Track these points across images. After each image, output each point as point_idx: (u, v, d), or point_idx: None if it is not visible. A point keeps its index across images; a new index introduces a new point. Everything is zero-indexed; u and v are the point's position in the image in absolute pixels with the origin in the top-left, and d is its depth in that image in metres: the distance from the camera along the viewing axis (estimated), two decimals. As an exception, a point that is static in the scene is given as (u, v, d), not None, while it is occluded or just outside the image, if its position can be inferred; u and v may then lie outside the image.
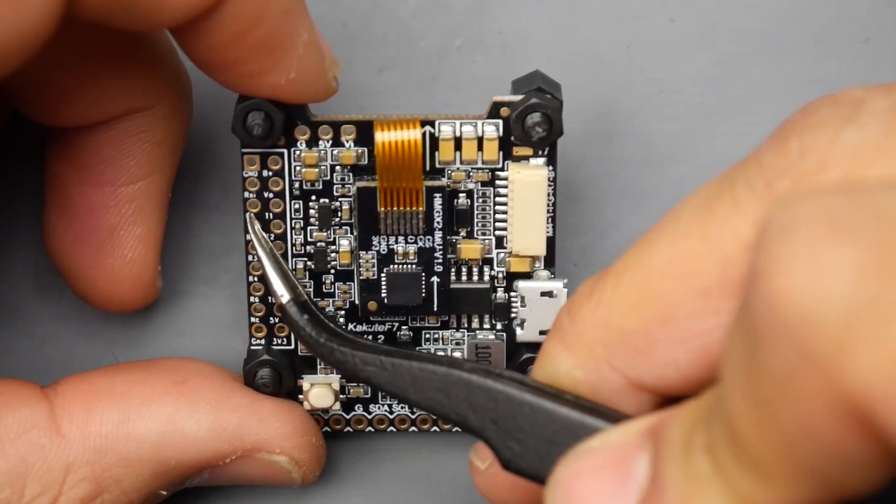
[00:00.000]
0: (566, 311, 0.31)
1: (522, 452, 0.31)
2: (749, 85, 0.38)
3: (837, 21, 0.38)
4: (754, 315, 0.23)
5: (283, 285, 0.36)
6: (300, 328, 0.35)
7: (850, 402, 0.22)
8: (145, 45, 0.35)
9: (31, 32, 0.28)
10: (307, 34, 0.33)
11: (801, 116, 0.29)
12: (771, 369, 0.23)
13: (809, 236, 0.23)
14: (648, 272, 0.30)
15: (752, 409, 0.23)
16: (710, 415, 0.25)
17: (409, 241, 0.36)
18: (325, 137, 0.36)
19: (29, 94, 0.35)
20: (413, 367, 0.32)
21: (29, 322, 0.40)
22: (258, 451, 0.37)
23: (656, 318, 0.29)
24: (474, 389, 0.31)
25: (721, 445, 0.24)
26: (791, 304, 0.22)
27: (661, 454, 0.26)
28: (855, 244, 0.22)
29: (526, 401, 0.31)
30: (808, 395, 0.22)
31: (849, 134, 0.28)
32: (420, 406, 0.32)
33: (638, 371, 0.30)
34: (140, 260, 0.37)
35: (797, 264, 0.22)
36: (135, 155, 0.36)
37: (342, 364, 0.34)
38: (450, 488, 0.41)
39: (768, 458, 0.23)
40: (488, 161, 0.36)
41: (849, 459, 0.23)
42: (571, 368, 0.31)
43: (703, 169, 0.39)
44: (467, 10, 0.38)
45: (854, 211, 0.23)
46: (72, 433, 0.35)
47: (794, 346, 0.22)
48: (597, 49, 0.38)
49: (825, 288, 0.22)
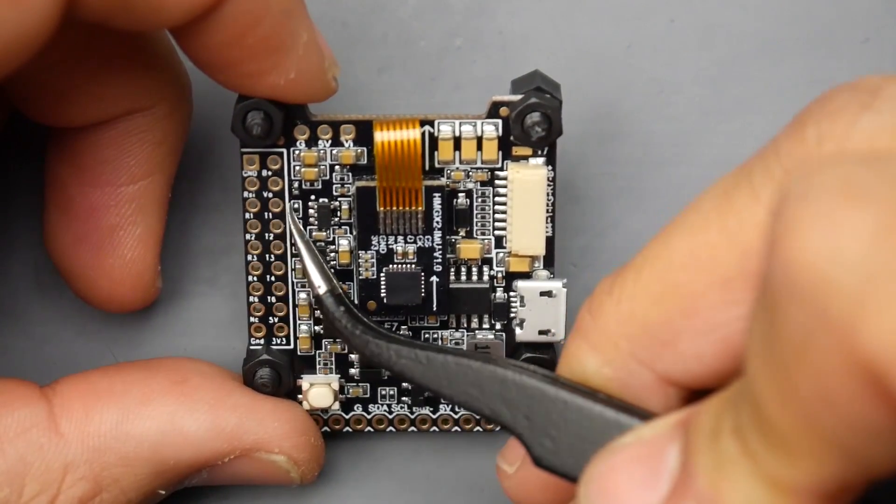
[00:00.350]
0: (587, 309, 0.31)
1: (555, 449, 0.31)
2: (749, 85, 0.38)
3: (837, 21, 0.38)
4: (772, 282, 0.23)
5: (321, 277, 0.36)
6: (336, 319, 0.35)
7: (865, 366, 0.22)
8: (145, 45, 0.35)
9: (32, 33, 0.28)
10: (307, 34, 0.33)
11: (819, 104, 0.29)
12: (789, 335, 0.23)
13: (826, 201, 0.23)
14: (669, 264, 0.30)
15: (773, 380, 0.23)
16: (737, 397, 0.25)
17: (409, 240, 0.36)
18: (324, 137, 0.36)
19: (29, 95, 0.35)
20: (448, 360, 0.32)
21: (29, 322, 0.40)
22: (257, 451, 0.37)
23: (679, 310, 0.29)
24: (508, 385, 0.31)
25: (748, 426, 0.24)
26: (807, 267, 0.22)
27: (690, 442, 0.26)
28: (871, 208, 0.22)
29: (560, 397, 0.31)
30: (825, 360, 0.22)
31: (866, 120, 0.28)
32: (453, 400, 0.32)
33: (664, 364, 0.30)
34: (140, 260, 0.37)
35: (813, 228, 0.22)
36: (135, 155, 0.36)
37: (377, 356, 0.34)
38: (450, 488, 0.41)
39: (792, 432, 0.23)
40: (487, 161, 0.36)
41: (870, 428, 0.22)
42: (599, 366, 0.31)
43: (703, 169, 0.39)
44: (467, 10, 0.38)
45: (871, 177, 0.23)
46: (71, 433, 0.35)
47: (811, 309, 0.22)
48: (597, 49, 0.38)
49: (841, 251, 0.22)
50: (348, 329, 0.35)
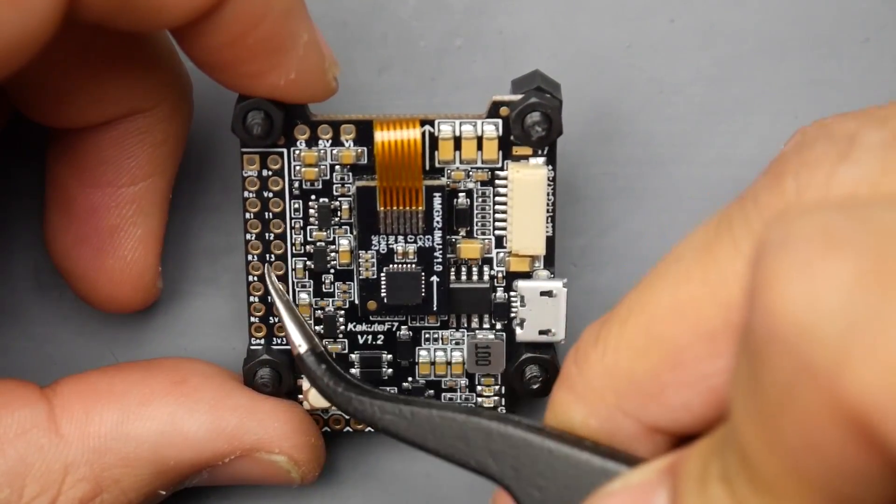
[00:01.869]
0: (573, 360, 0.31)
1: (543, 499, 0.31)
2: (749, 85, 0.38)
3: (837, 21, 0.38)
4: (753, 332, 0.23)
5: (301, 335, 0.36)
6: (318, 378, 0.35)
7: (850, 414, 0.22)
8: (146, 46, 0.35)
9: (33, 33, 0.28)
10: (307, 35, 0.33)
11: (796, 152, 0.29)
12: (772, 385, 0.23)
13: (805, 250, 0.23)
14: (653, 317, 0.30)
15: (757, 429, 0.23)
16: (723, 443, 0.25)
17: (409, 240, 0.36)
18: (324, 137, 0.36)
19: (30, 95, 0.35)
20: (432, 414, 0.32)
21: (29, 322, 0.40)
22: (257, 451, 0.37)
23: (664, 363, 0.30)
24: (494, 436, 0.31)
25: (734, 472, 0.24)
26: (788, 317, 0.22)
27: (679, 488, 0.26)
28: (850, 257, 0.22)
29: (546, 447, 0.31)
30: (809, 408, 0.22)
31: (844, 171, 0.28)
32: (439, 454, 0.32)
33: (651, 415, 0.30)
34: (140, 261, 0.37)
35: (793, 278, 0.22)
36: (135, 156, 0.36)
37: (360, 412, 0.34)
38: (450, 488, 0.41)
39: (778, 477, 0.23)
40: (488, 160, 0.36)
41: (855, 474, 0.22)
42: (585, 417, 0.31)
43: (703, 169, 0.39)
44: (467, 10, 0.38)
45: (849, 225, 0.23)
46: (71, 433, 0.35)
47: (793, 360, 0.22)
48: (597, 49, 0.38)
49: (821, 301, 0.22)
50: (330, 388, 0.35)
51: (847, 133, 0.29)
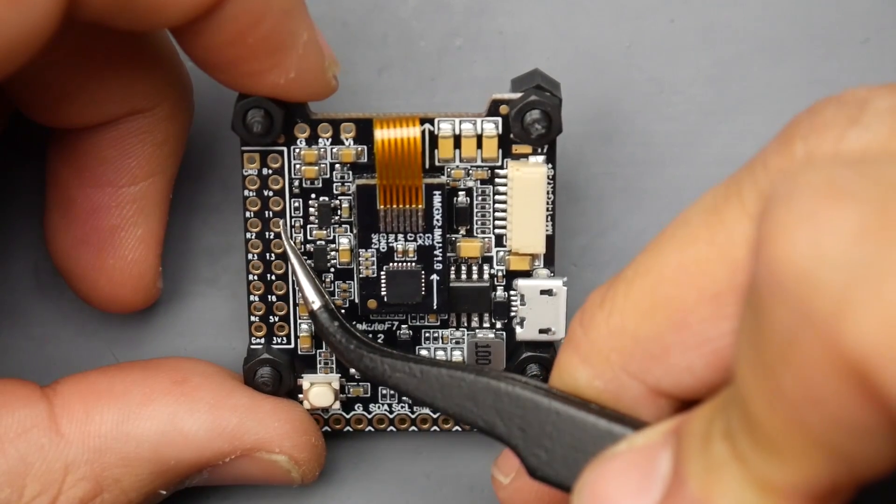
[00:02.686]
0: (579, 322, 0.31)
1: (549, 460, 0.31)
2: (749, 85, 0.38)
3: (837, 21, 0.38)
4: (758, 283, 0.23)
5: (315, 292, 0.36)
6: (330, 334, 0.35)
7: (850, 363, 0.22)
8: (146, 46, 0.35)
9: (33, 33, 0.28)
10: (307, 34, 0.33)
11: (806, 117, 0.29)
12: (774, 336, 0.23)
13: (810, 201, 0.23)
14: (659, 278, 0.30)
15: (760, 382, 0.23)
16: (727, 402, 0.25)
17: (409, 238, 0.36)
18: (324, 135, 0.36)
19: (30, 95, 0.35)
20: (442, 373, 0.33)
21: (29, 322, 0.40)
22: (258, 451, 0.37)
23: (669, 324, 0.29)
24: (502, 396, 0.32)
25: (737, 429, 0.24)
26: (790, 266, 0.22)
27: (682, 447, 0.26)
28: (853, 207, 0.22)
29: (553, 408, 0.31)
30: (810, 358, 0.22)
31: (854, 135, 0.28)
32: (447, 413, 0.32)
33: (655, 377, 0.30)
34: (141, 261, 0.37)
35: (797, 228, 0.23)
36: (136, 156, 0.36)
37: (371, 370, 0.34)
38: (450, 488, 0.41)
39: (780, 434, 0.23)
40: (488, 159, 0.36)
41: (856, 427, 0.22)
42: (590, 379, 0.31)
43: (703, 169, 0.39)
44: (467, 10, 0.38)
45: (854, 177, 0.23)
46: (71, 433, 0.35)
47: (795, 309, 0.22)
48: (597, 49, 0.38)
49: (824, 249, 0.22)
50: (343, 344, 0.35)
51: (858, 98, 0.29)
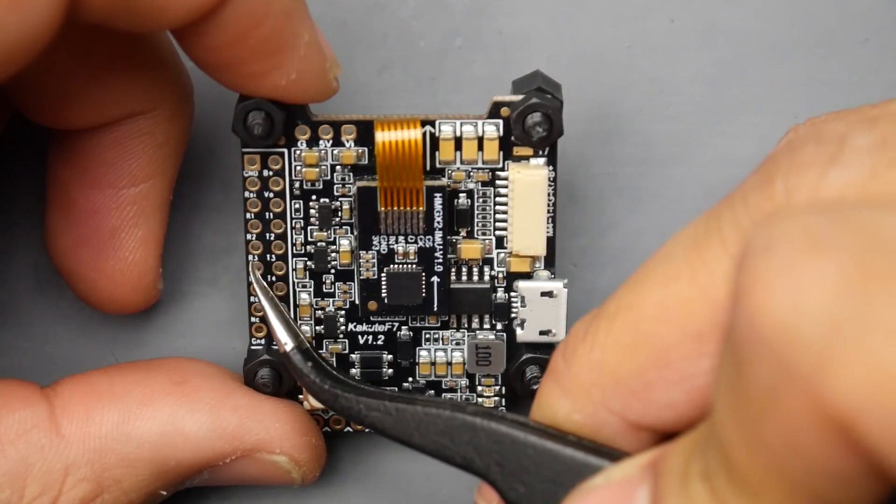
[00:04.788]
0: (561, 355, 0.32)
1: (528, 493, 0.31)
2: (749, 85, 0.38)
3: (837, 21, 0.38)
4: (737, 334, 0.23)
5: (287, 333, 0.36)
6: (304, 375, 0.36)
7: (832, 417, 0.22)
8: (147, 47, 0.35)
9: (34, 35, 0.28)
10: (308, 35, 0.33)
11: (786, 154, 0.29)
12: (755, 388, 0.23)
13: (788, 253, 0.23)
14: (641, 315, 0.30)
15: (740, 430, 0.24)
16: (705, 441, 0.25)
17: (410, 240, 0.36)
18: (325, 137, 0.36)
19: (31, 96, 0.35)
20: (417, 411, 0.33)
21: (29, 322, 0.40)
22: (258, 451, 0.37)
23: (651, 362, 0.30)
24: (478, 432, 0.32)
25: (716, 471, 0.24)
26: (771, 320, 0.22)
27: (660, 484, 0.26)
28: (833, 259, 0.22)
29: (530, 442, 0.31)
30: (792, 411, 0.22)
31: (833, 175, 0.28)
32: (424, 450, 0.33)
33: (636, 413, 0.30)
34: (141, 262, 0.37)
35: (776, 281, 0.23)
36: (136, 157, 0.36)
37: (346, 410, 0.34)
38: (450, 488, 0.41)
39: (759, 478, 0.24)
40: (488, 161, 0.36)
41: (837, 476, 0.23)
42: (570, 412, 0.31)
43: (703, 169, 0.39)
44: (467, 10, 0.38)
45: (832, 228, 0.23)
46: (72, 433, 0.35)
47: (776, 362, 0.22)
48: (597, 49, 0.38)
49: (804, 303, 0.22)
50: (317, 384, 0.35)
51: (836, 135, 0.29)
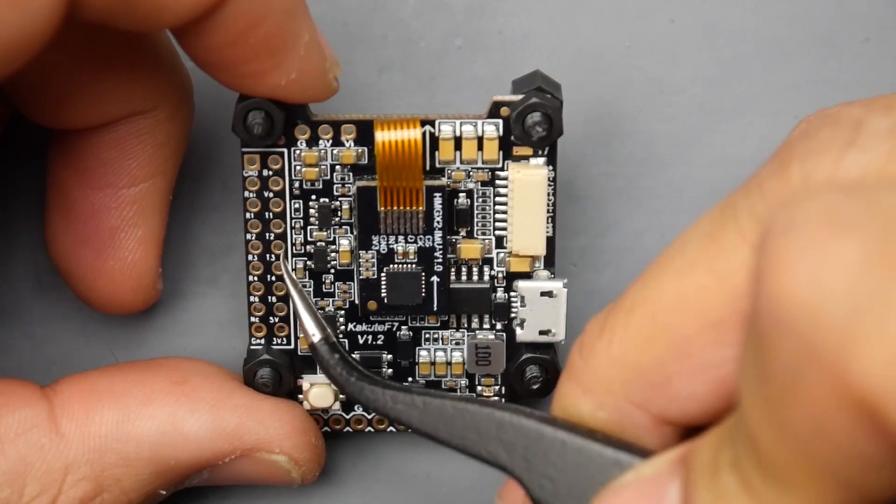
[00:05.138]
0: (578, 352, 0.31)
1: (554, 490, 0.30)
2: (749, 85, 0.38)
3: (837, 21, 0.38)
4: (760, 318, 0.23)
5: (315, 325, 0.36)
6: (331, 367, 0.35)
7: (857, 398, 0.22)
8: (147, 47, 0.35)
9: (33, 34, 0.28)
10: (308, 34, 0.33)
11: (801, 139, 0.29)
12: (779, 371, 0.23)
13: (810, 234, 0.23)
14: (658, 307, 0.30)
15: (766, 415, 0.23)
16: (734, 432, 0.25)
17: (409, 240, 0.36)
18: (325, 137, 0.36)
19: (31, 96, 0.35)
20: (445, 405, 0.32)
21: (29, 322, 0.40)
22: (258, 451, 0.37)
23: (671, 353, 0.29)
24: (506, 427, 0.31)
25: (745, 460, 0.24)
26: (793, 301, 0.22)
27: (691, 478, 0.26)
28: (855, 239, 0.22)
29: (558, 438, 0.31)
30: (817, 394, 0.22)
31: (851, 158, 0.28)
32: (450, 444, 0.32)
33: (658, 405, 0.30)
34: (141, 262, 0.37)
35: (798, 262, 0.22)
36: (136, 157, 0.36)
37: (373, 402, 0.34)
38: (450, 488, 0.41)
39: (788, 465, 0.23)
40: (488, 161, 0.36)
41: (865, 459, 0.22)
42: (593, 410, 0.31)
43: (703, 169, 0.39)
44: (467, 10, 0.38)
45: (854, 207, 0.23)
46: (71, 433, 0.35)
47: (799, 344, 0.22)
48: (597, 49, 0.38)
49: (827, 284, 0.22)
50: (343, 376, 0.35)
51: (853, 119, 0.28)
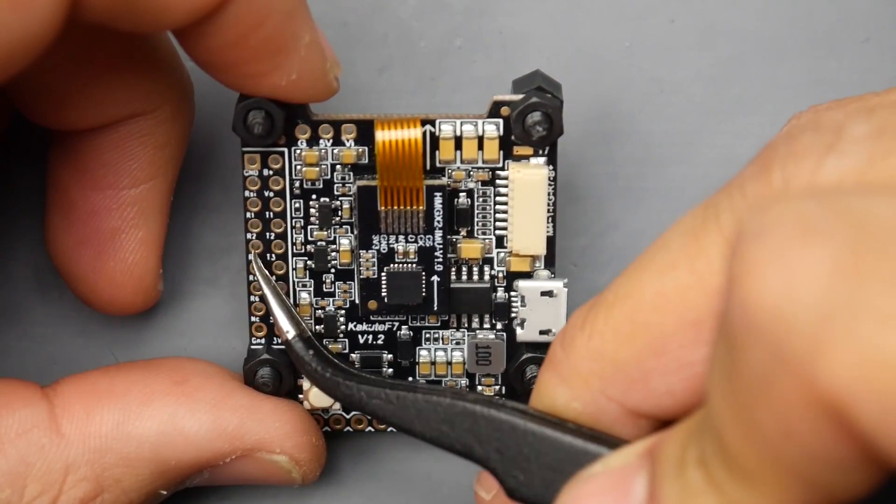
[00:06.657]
0: (560, 343, 0.32)
1: (527, 481, 0.31)
2: (749, 85, 0.39)
3: (837, 21, 0.38)
4: (731, 320, 0.24)
5: (289, 322, 0.36)
6: (306, 363, 0.36)
7: (825, 402, 0.22)
8: (148, 48, 0.35)
9: (35, 35, 0.28)
10: (309, 35, 0.33)
11: (784, 143, 0.29)
12: (749, 374, 0.23)
13: (781, 239, 0.23)
14: (639, 304, 0.30)
15: (735, 416, 0.24)
16: (701, 428, 0.25)
17: (410, 240, 0.36)
18: (325, 136, 0.36)
19: (32, 97, 0.35)
20: (418, 398, 0.33)
21: (29, 322, 0.40)
22: (258, 451, 0.37)
23: (649, 350, 0.30)
24: (479, 420, 0.32)
25: (712, 457, 0.25)
26: (764, 306, 0.23)
27: (657, 471, 0.26)
28: (826, 245, 0.22)
29: (530, 430, 0.31)
30: (785, 397, 0.23)
31: (831, 162, 0.28)
32: (425, 437, 0.33)
33: (634, 400, 0.30)
34: (141, 263, 0.37)
35: (769, 267, 0.23)
36: (137, 158, 0.36)
37: (348, 397, 0.34)
38: (450, 488, 0.41)
39: (754, 464, 0.24)
40: (489, 160, 0.36)
41: (831, 461, 0.23)
42: (569, 400, 0.31)
43: (703, 169, 0.39)
44: (467, 10, 0.38)
45: (825, 214, 0.23)
46: (72, 433, 0.35)
47: (769, 348, 0.23)
48: (597, 49, 0.38)
49: (797, 289, 0.22)
50: (318, 372, 0.35)
51: (834, 124, 0.29)
